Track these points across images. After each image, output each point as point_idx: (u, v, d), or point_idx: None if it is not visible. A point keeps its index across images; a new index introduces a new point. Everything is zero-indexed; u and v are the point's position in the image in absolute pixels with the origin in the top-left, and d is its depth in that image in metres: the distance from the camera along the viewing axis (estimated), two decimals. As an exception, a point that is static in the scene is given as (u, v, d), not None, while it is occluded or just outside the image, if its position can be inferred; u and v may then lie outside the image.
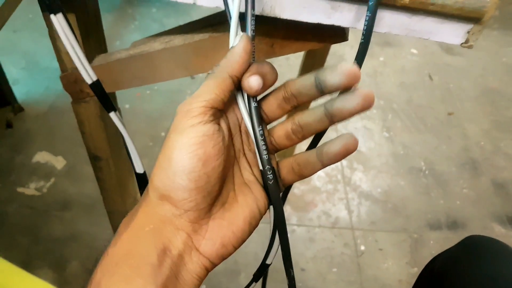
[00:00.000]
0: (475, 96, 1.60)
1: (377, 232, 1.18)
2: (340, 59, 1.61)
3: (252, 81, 0.29)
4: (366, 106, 0.29)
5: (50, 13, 0.37)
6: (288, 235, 0.32)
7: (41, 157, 1.21)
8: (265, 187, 0.32)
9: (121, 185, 0.71)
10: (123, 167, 0.73)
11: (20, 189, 1.14)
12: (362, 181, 1.29)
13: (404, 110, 1.50)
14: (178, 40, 0.48)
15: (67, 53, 0.49)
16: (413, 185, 1.30)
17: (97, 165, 0.66)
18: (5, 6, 1.31)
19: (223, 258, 0.30)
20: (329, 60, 0.88)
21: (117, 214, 0.76)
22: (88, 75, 0.41)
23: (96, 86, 0.42)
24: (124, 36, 1.63)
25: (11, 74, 1.28)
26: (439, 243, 1.18)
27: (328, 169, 1.29)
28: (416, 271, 1.11)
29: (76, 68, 0.51)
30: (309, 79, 0.30)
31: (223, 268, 1.04)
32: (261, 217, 0.31)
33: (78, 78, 0.52)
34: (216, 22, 0.48)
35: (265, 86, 0.30)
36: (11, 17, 1.35)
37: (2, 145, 1.23)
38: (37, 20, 1.54)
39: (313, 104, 0.34)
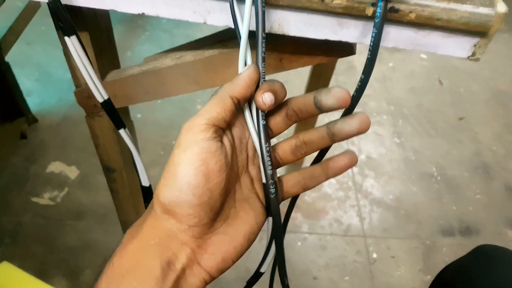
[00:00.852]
0: (486, 99, 1.59)
1: (389, 239, 1.18)
2: (349, 65, 1.61)
3: (266, 97, 0.30)
4: (362, 129, 0.32)
5: (65, 35, 0.38)
6: (300, 243, 0.34)
7: (55, 167, 1.23)
8: (267, 200, 0.33)
9: (134, 195, 0.72)
10: (136, 178, 0.74)
11: (34, 199, 1.16)
12: (373, 187, 1.29)
13: (415, 115, 1.50)
14: (188, 56, 0.49)
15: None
16: (425, 190, 1.29)
17: (111, 176, 0.68)
18: (19, 19, 1.34)
19: (222, 272, 0.31)
20: (339, 66, 0.89)
21: (130, 224, 0.77)
22: (100, 93, 0.42)
23: (107, 104, 0.43)
24: (135, 46, 1.66)
25: (25, 85, 1.31)
26: (452, 249, 1.17)
27: (339, 176, 1.29)
28: (429, 278, 1.11)
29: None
30: (309, 98, 0.33)
31: (234, 276, 1.04)
32: (258, 232, 0.33)
33: (92, 94, 0.54)
34: (226, 38, 0.49)
35: (276, 102, 0.31)
36: (25, 30, 1.38)
37: (17, 156, 1.25)
38: (50, 32, 1.57)
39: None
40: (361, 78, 0.37)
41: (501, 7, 0.34)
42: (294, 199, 0.41)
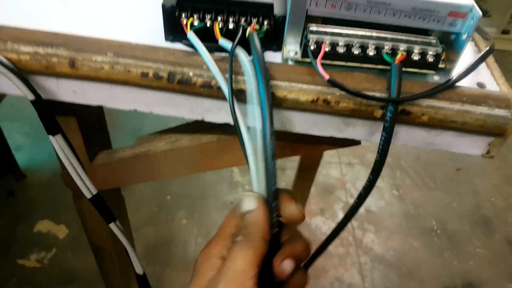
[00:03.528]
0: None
1: (392, 299, 1.13)
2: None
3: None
4: None
5: (49, 134, 0.35)
6: None
7: (43, 226, 1.18)
8: None
9: (125, 274, 0.68)
10: (126, 256, 0.70)
11: (20, 261, 1.11)
12: (374, 243, 1.25)
13: (413, 167, 1.48)
14: (184, 141, 0.46)
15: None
16: (426, 246, 1.26)
17: (99, 254, 0.64)
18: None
19: None
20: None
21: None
22: (88, 189, 0.39)
23: (96, 199, 0.40)
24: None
25: (14, 140, 1.28)
26: (457, 309, 1.13)
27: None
28: None
29: (78, 166, 0.50)
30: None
31: None
32: None
33: (81, 176, 0.51)
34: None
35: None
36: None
37: (3, 215, 1.20)
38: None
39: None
40: (369, 178, 0.35)
41: (518, 110, 0.32)
42: None
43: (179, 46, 0.34)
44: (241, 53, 0.31)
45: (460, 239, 1.28)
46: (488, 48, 0.35)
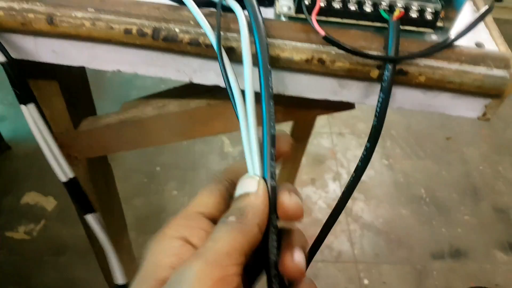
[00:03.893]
0: (472, 119, 1.58)
1: (380, 265, 1.15)
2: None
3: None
4: None
5: (20, 103, 0.33)
6: None
7: (30, 198, 1.17)
8: None
9: (115, 242, 0.67)
10: (115, 223, 0.69)
11: (9, 233, 1.10)
12: (363, 211, 1.26)
13: (403, 137, 1.48)
14: (172, 106, 0.45)
15: (51, 119, 0.46)
16: (415, 214, 1.27)
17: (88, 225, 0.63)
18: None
19: None
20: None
21: (110, 270, 0.72)
22: (63, 172, 0.37)
23: (72, 185, 0.38)
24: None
25: (-3, 110, 1.25)
26: (443, 273, 1.16)
27: (329, 199, 1.26)
28: (422, 306, 1.08)
29: (61, 133, 0.48)
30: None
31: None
32: None
33: (65, 143, 0.49)
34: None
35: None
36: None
37: (-12, 187, 1.18)
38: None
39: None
40: (366, 147, 0.33)
41: (518, 69, 0.31)
42: None
43: (164, 0, 0.32)
44: (232, 3, 0.29)
45: (449, 207, 1.30)
46: (487, 6, 0.34)
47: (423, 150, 1.45)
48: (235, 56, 0.30)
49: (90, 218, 0.38)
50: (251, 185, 0.24)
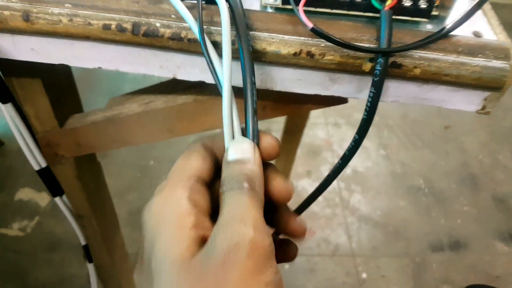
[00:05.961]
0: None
1: (378, 258, 1.14)
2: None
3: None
4: None
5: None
6: (287, 266, 0.29)
7: (24, 194, 1.16)
8: None
9: (107, 240, 0.66)
10: (108, 223, 0.68)
11: (2, 230, 1.09)
12: (361, 203, 1.25)
13: (400, 126, 1.46)
14: (158, 103, 0.43)
15: (36, 118, 0.45)
16: (413, 205, 1.26)
17: (80, 223, 0.62)
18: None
19: None
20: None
21: (104, 268, 0.71)
22: (37, 161, 0.36)
23: (45, 173, 0.37)
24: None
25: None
26: (442, 265, 1.15)
27: (325, 192, 1.25)
28: (421, 299, 1.07)
29: (47, 131, 0.47)
30: None
31: None
32: None
33: (51, 141, 0.48)
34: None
35: None
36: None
37: (-18, 184, 1.17)
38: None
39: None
40: (354, 138, 0.32)
41: (518, 61, 0.30)
42: None
43: (144, -7, 0.30)
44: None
45: (447, 198, 1.29)
46: (485, -7, 0.32)
47: (420, 139, 1.43)
48: (219, 51, 0.28)
49: (59, 201, 0.39)
50: (246, 151, 0.24)
